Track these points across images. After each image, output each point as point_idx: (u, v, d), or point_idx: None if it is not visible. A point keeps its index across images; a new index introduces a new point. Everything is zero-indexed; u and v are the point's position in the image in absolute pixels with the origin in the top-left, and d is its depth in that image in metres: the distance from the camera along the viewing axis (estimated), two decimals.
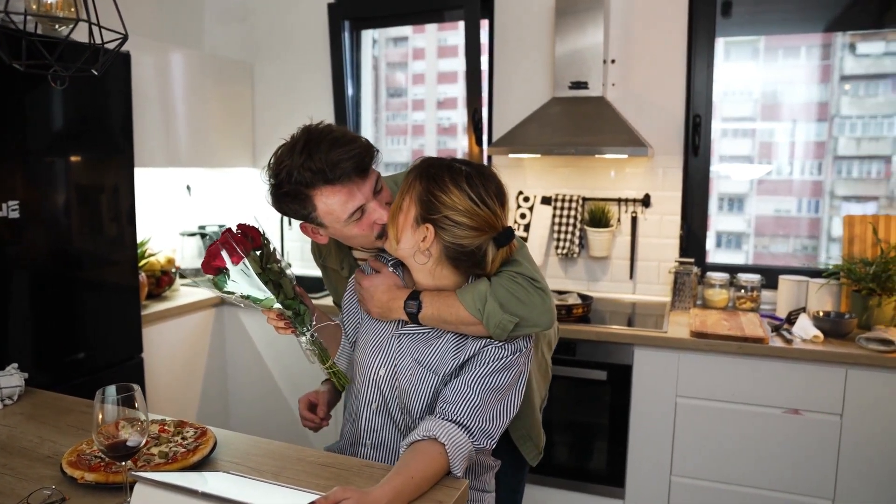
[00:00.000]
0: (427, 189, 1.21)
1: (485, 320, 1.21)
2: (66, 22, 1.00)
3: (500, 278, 1.26)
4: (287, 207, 1.30)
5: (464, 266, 1.25)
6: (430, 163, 1.25)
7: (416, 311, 1.27)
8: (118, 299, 2.39)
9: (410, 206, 1.23)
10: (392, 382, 1.30)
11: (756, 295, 2.64)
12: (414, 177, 1.24)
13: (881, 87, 2.88)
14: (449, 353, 1.27)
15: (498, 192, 1.24)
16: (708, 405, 2.30)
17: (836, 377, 2.15)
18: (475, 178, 1.22)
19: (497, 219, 1.22)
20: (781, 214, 3.06)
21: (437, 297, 1.26)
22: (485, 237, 1.21)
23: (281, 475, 1.19)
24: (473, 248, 1.21)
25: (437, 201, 1.20)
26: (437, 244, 1.22)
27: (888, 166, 2.83)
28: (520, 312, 1.22)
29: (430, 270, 1.26)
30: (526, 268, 1.28)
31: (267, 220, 3.49)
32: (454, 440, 1.17)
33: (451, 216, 1.19)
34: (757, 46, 2.93)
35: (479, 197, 1.20)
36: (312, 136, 1.26)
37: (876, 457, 2.15)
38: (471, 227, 1.19)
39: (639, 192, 2.86)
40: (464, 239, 1.20)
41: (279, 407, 3.04)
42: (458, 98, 3.69)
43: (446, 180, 1.20)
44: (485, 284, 1.25)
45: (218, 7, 3.51)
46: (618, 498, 2.46)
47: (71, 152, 2.17)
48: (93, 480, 1.10)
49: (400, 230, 1.25)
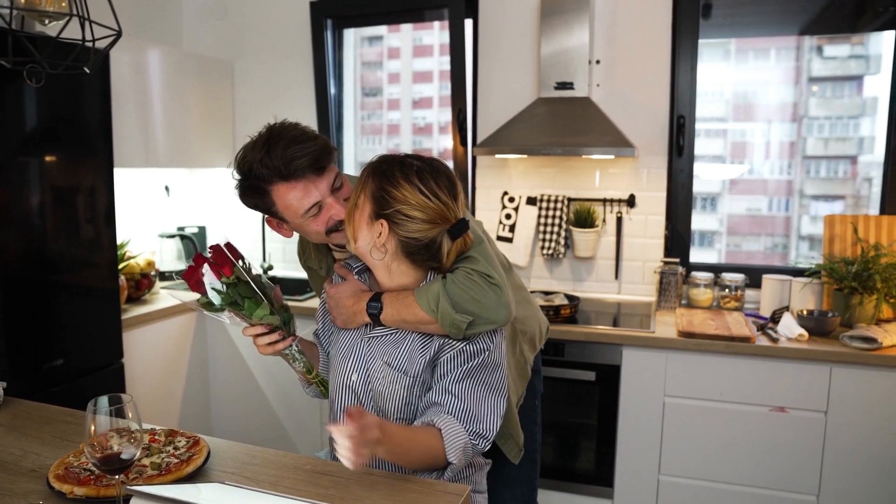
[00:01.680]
0: (379, 185, 1.22)
1: (440, 319, 1.21)
2: (57, 17, 0.96)
3: (456, 276, 1.25)
4: (250, 201, 1.37)
5: (420, 259, 1.25)
6: (382, 160, 1.27)
7: (377, 313, 1.27)
8: (97, 303, 2.32)
9: (365, 202, 1.24)
10: (366, 387, 1.30)
11: (740, 294, 2.67)
12: (367, 174, 1.25)
13: (846, 88, 2.94)
14: (416, 352, 1.27)
15: (449, 184, 1.24)
16: (695, 404, 2.32)
17: (821, 375, 2.18)
18: (425, 172, 1.22)
19: (449, 211, 1.22)
20: (753, 213, 3.11)
21: (396, 297, 1.27)
22: (438, 229, 1.21)
23: (279, 485, 1.16)
24: (428, 241, 1.22)
25: (389, 196, 1.20)
26: (392, 239, 1.22)
27: (854, 166, 2.89)
28: (473, 310, 1.22)
29: (386, 266, 1.27)
30: (481, 264, 1.27)
31: (248, 222, 3.44)
32: (450, 428, 1.21)
33: (404, 210, 1.19)
34: (728, 48, 2.97)
35: (431, 190, 1.20)
36: (273, 133, 1.31)
37: (860, 453, 2.18)
38: (423, 221, 1.20)
39: (624, 192, 2.87)
40: (417, 232, 1.20)
41: (262, 410, 2.99)
42: (433, 97, 3.67)
43: (397, 175, 1.21)
44: (439, 284, 1.24)
45: (197, 4, 3.44)
46: (606, 498, 2.47)
47: (46, 152, 2.10)
48: (83, 495, 1.06)
49: (356, 228, 1.25)
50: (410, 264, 1.26)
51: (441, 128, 3.60)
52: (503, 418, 1.33)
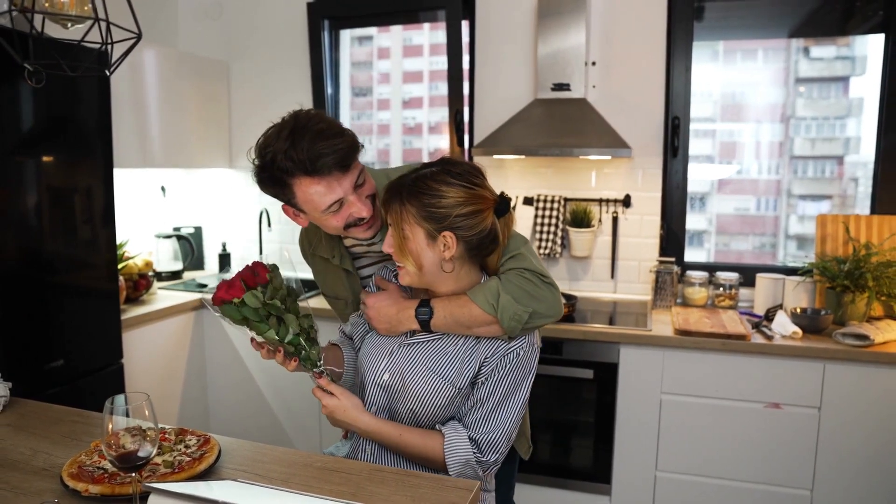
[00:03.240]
0: (422, 205, 1.20)
1: (499, 315, 1.22)
2: (79, 20, 0.97)
3: (509, 276, 1.27)
4: (269, 190, 1.32)
5: (484, 252, 1.26)
6: (401, 184, 1.24)
7: (428, 318, 1.27)
8: (97, 304, 2.32)
9: (413, 229, 1.22)
10: (400, 388, 1.31)
11: (734, 293, 2.71)
12: (398, 204, 1.23)
13: (833, 89, 2.99)
14: (463, 362, 1.28)
15: (474, 168, 1.26)
16: (692, 401, 2.35)
17: (815, 372, 2.22)
18: (451, 168, 1.24)
19: (489, 191, 1.24)
20: (741, 213, 3.15)
21: (448, 301, 1.27)
22: (490, 213, 1.22)
23: (290, 482, 1.17)
24: (489, 229, 1.23)
25: (439, 208, 1.20)
26: (460, 246, 1.22)
27: (841, 166, 2.94)
28: (531, 305, 1.24)
29: (455, 276, 1.27)
30: (532, 263, 1.30)
31: (246, 220, 3.45)
32: (454, 440, 1.25)
33: (460, 212, 1.20)
34: (716, 49, 3.01)
35: (468, 181, 1.22)
36: (299, 123, 1.25)
37: (852, 448, 2.22)
38: (478, 213, 1.21)
39: (619, 192, 2.90)
40: (479, 225, 1.21)
41: (260, 410, 3.00)
42: (423, 98, 3.69)
43: (433, 186, 1.21)
44: (495, 282, 1.26)
45: (193, 4, 3.43)
46: (604, 494, 2.50)
47: (44, 152, 2.09)
48: (98, 493, 1.07)
49: (417, 256, 1.23)
50: (472, 263, 1.28)
51: (431, 128, 3.61)
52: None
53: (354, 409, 1.30)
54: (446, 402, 1.28)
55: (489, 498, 1.46)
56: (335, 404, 1.30)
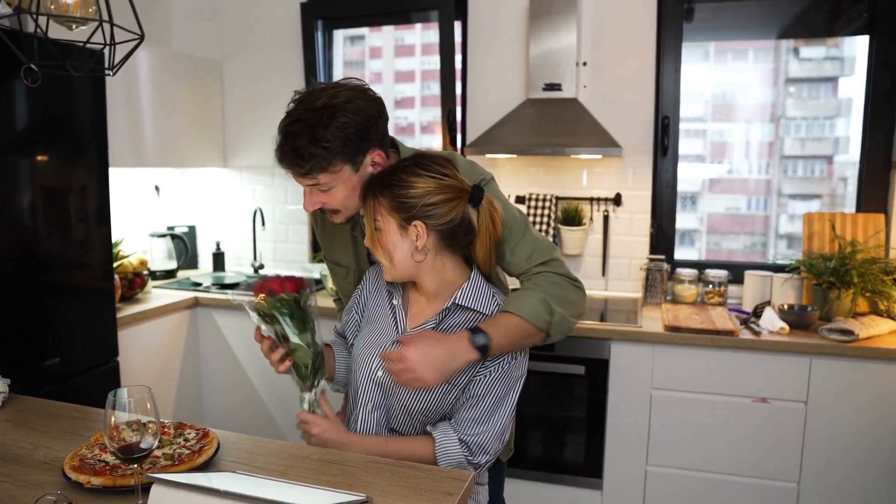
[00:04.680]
0: (392, 196, 1.25)
1: (554, 329, 1.29)
2: (83, 22, 0.99)
3: (545, 284, 1.32)
4: None
5: (459, 242, 1.29)
6: (375, 179, 1.29)
7: (488, 343, 1.23)
8: (92, 302, 2.33)
9: (386, 220, 1.26)
10: (394, 385, 1.32)
11: (723, 290, 2.75)
12: (371, 197, 1.28)
13: (822, 89, 3.03)
14: None
15: (446, 161, 1.29)
16: (681, 396, 2.39)
17: (801, 367, 2.27)
18: (421, 161, 1.27)
19: (461, 181, 1.27)
20: (732, 212, 3.19)
21: (498, 324, 1.27)
22: (462, 202, 1.25)
23: (288, 473, 1.20)
24: (460, 219, 1.26)
25: (407, 198, 1.24)
26: (431, 234, 1.25)
27: (830, 166, 2.99)
28: (575, 313, 1.32)
29: (431, 265, 1.30)
30: (558, 264, 1.35)
31: (240, 219, 3.46)
32: (446, 447, 1.28)
33: (428, 200, 1.23)
34: (707, 49, 3.05)
35: (437, 171, 1.25)
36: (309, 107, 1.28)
37: (838, 440, 2.27)
38: (448, 201, 1.24)
39: (610, 191, 2.94)
40: (449, 214, 1.24)
41: (255, 407, 3.02)
42: (415, 97, 3.70)
43: (402, 178, 1.25)
44: (534, 296, 1.30)
45: (186, 4, 3.44)
46: (596, 489, 2.53)
47: (39, 152, 2.10)
48: (100, 485, 1.09)
49: (390, 249, 1.28)
50: (451, 254, 1.30)
51: (423, 127, 3.63)
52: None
53: (338, 433, 1.32)
54: (439, 399, 1.30)
55: (482, 491, 1.49)
56: (320, 432, 1.32)
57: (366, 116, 1.30)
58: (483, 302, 1.33)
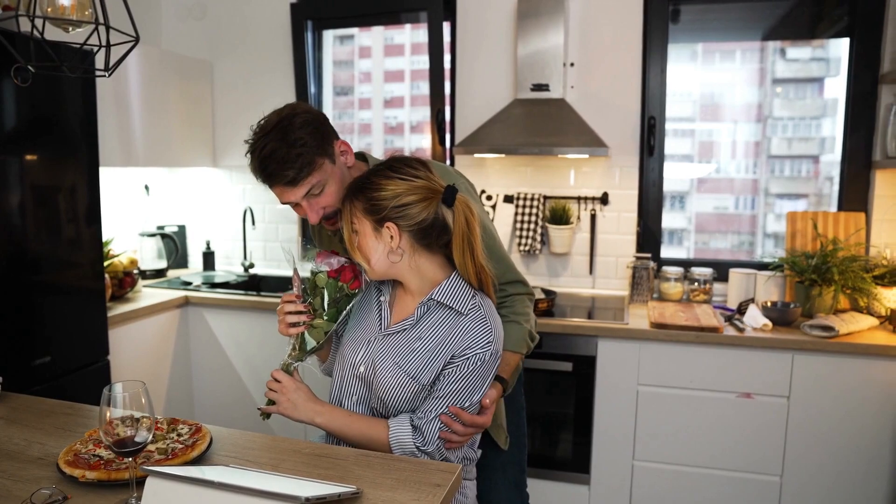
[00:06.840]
0: (365, 199, 1.29)
1: (527, 353, 1.56)
2: (78, 24, 1.01)
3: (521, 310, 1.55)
4: None
5: (435, 242, 1.31)
6: (352, 184, 1.35)
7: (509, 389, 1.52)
8: (83, 301, 2.34)
9: (361, 223, 1.30)
10: (372, 380, 1.36)
11: (708, 287, 2.79)
12: (348, 201, 1.32)
13: (808, 90, 3.08)
14: (429, 358, 1.32)
15: (418, 163, 1.33)
16: (667, 392, 2.43)
17: (784, 362, 2.31)
18: (394, 164, 1.31)
19: (433, 182, 1.30)
20: (720, 211, 3.24)
21: (505, 368, 1.47)
22: (435, 203, 1.28)
23: (280, 467, 1.22)
24: (433, 219, 1.28)
25: (379, 200, 1.27)
26: (404, 235, 1.28)
27: (816, 165, 3.04)
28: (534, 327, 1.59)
29: (409, 266, 1.32)
30: (524, 285, 1.58)
31: (230, 219, 3.47)
32: (398, 433, 1.32)
33: (398, 202, 1.26)
34: (695, 50, 3.09)
35: (408, 174, 1.29)
36: (267, 129, 1.36)
37: (819, 435, 2.32)
38: (419, 201, 1.27)
39: (597, 190, 2.98)
40: (420, 214, 1.27)
41: (245, 404, 3.03)
42: (405, 97, 3.72)
43: (374, 181, 1.29)
44: (521, 328, 1.53)
45: (176, 4, 3.45)
46: (583, 484, 2.57)
47: (28, 151, 2.11)
48: (95, 479, 1.11)
49: (367, 252, 1.31)
50: (429, 253, 1.32)
51: (413, 127, 3.65)
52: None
53: (309, 395, 1.40)
54: (410, 397, 1.33)
55: (470, 486, 1.51)
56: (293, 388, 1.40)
57: (313, 114, 1.40)
58: (461, 299, 1.33)
